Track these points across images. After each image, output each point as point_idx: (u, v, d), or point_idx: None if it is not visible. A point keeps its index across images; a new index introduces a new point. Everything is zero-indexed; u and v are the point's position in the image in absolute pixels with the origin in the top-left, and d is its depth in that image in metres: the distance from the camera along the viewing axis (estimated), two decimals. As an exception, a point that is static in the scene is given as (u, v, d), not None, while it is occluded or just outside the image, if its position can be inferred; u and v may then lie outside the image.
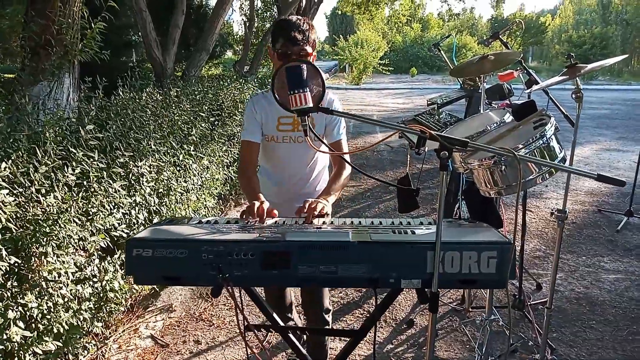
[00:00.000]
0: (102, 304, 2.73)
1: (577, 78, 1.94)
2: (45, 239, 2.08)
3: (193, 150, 3.85)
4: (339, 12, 31.40)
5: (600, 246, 4.18)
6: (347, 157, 2.03)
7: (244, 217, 1.77)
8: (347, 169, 2.06)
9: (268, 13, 13.27)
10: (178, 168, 3.63)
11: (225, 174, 4.73)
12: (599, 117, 11.91)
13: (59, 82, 4.26)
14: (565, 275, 3.65)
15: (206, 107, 4.79)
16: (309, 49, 1.88)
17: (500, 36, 2.85)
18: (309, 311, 2.33)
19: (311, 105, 1.37)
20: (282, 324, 1.74)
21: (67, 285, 2.32)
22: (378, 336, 2.91)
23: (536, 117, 2.00)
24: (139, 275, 1.50)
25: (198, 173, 3.82)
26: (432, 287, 1.40)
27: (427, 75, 30.42)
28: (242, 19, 14.01)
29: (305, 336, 2.56)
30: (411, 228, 1.58)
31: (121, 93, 4.04)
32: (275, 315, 1.72)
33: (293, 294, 2.56)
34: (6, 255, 1.85)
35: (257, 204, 1.75)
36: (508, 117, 2.25)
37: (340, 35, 27.26)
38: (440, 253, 1.39)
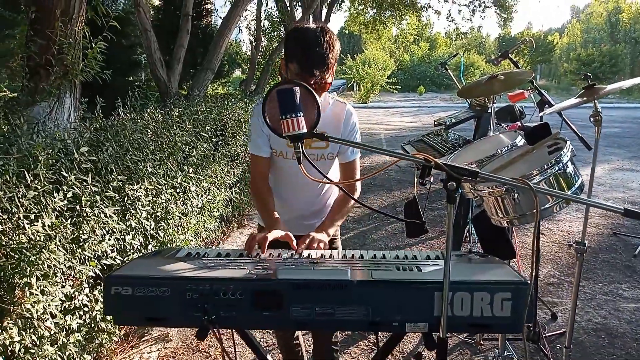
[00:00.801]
0: (93, 334, 2.60)
1: (596, 101, 1.81)
2: (29, 269, 1.96)
3: (193, 172, 3.74)
4: (347, 32, 31.59)
5: (618, 272, 3.99)
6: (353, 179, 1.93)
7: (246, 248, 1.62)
8: (357, 192, 1.93)
9: (275, 33, 13.31)
10: (177, 190, 3.52)
11: (227, 195, 4.62)
12: (610, 136, 11.72)
13: (59, 103, 4.20)
14: (582, 304, 3.46)
15: (209, 127, 4.70)
16: (328, 77, 1.66)
17: (509, 55, 2.74)
18: (316, 342, 2.23)
19: (305, 130, 1.25)
20: (276, 366, 1.61)
21: (55, 316, 2.20)
22: (383, 370, 2.75)
23: (551, 141, 1.87)
24: (119, 316, 1.38)
25: (198, 195, 3.70)
26: (440, 333, 1.25)
27: (434, 94, 30.38)
28: (249, 39, 14.08)
29: None
30: (417, 264, 1.44)
31: (121, 113, 3.95)
32: (269, 357, 1.59)
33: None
34: (-17, 288, 1.74)
35: (259, 236, 1.61)
36: (520, 140, 2.12)
37: (348, 54, 27.39)
38: (449, 294, 1.26)
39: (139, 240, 2.96)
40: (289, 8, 11.83)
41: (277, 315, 1.29)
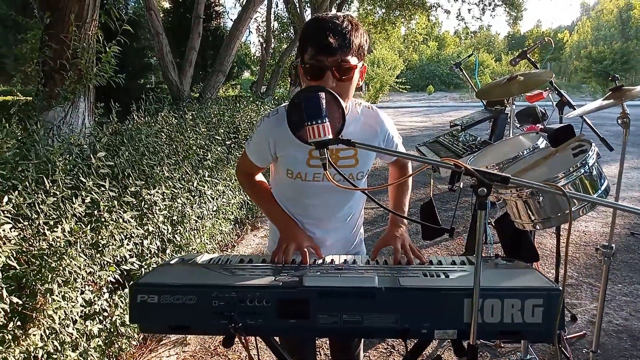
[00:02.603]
0: (113, 339, 2.60)
1: (624, 103, 1.78)
2: (51, 275, 1.97)
3: (208, 176, 3.74)
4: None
5: (637, 273, 3.94)
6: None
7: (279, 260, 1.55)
8: (410, 169, 1.82)
9: (285, 34, 13.32)
10: (193, 194, 3.53)
11: (241, 198, 4.62)
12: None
13: (73, 107, 4.21)
14: (602, 306, 3.41)
15: (222, 130, 4.70)
16: (352, 59, 1.40)
17: (528, 55, 2.70)
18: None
19: (330, 137, 1.23)
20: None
21: (75, 322, 2.21)
22: (403, 374, 2.73)
23: (575, 143, 1.84)
24: (145, 324, 1.38)
25: (213, 199, 3.71)
26: (471, 340, 1.23)
27: (444, 93, 30.24)
28: (259, 40, 14.11)
29: None
30: (444, 270, 1.42)
31: (135, 117, 3.97)
32: (293, 363, 1.58)
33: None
34: (7, 296, 1.74)
35: (291, 248, 1.56)
36: (542, 142, 2.09)
37: (357, 54, 27.28)
38: (479, 301, 1.24)
39: (156, 244, 2.97)
40: (298, 9, 11.82)
41: (304, 323, 1.28)
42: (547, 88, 2.70)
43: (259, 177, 1.83)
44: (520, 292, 1.25)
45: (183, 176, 3.42)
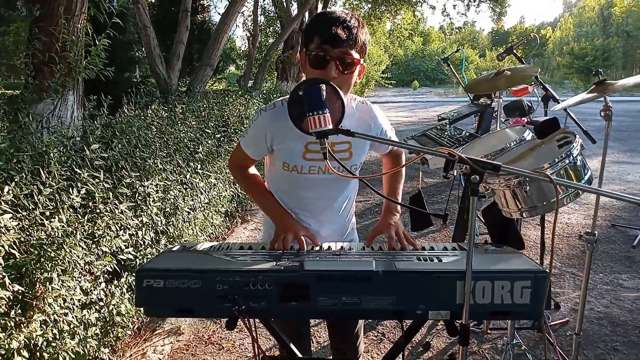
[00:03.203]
0: (108, 328, 2.64)
1: (606, 96, 1.87)
2: (50, 264, 2.00)
3: (200, 168, 3.77)
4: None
5: (617, 263, 4.07)
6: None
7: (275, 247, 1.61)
8: (403, 159, 1.91)
9: (271, 28, 13.31)
10: (185, 186, 3.56)
11: (232, 191, 4.65)
12: (614, 130, 11.84)
13: (62, 100, 4.20)
14: (583, 294, 3.54)
15: (212, 124, 4.73)
16: (355, 53, 1.45)
17: (514, 51, 2.79)
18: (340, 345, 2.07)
19: (331, 127, 1.29)
20: (299, 355, 1.66)
21: (73, 311, 2.24)
22: None
23: (560, 135, 1.92)
24: (150, 308, 1.42)
25: (205, 191, 3.74)
26: (463, 319, 1.30)
27: (429, 88, 30.48)
28: (246, 34, 14.07)
29: None
30: (436, 254, 1.49)
31: (126, 110, 3.97)
32: (292, 346, 1.64)
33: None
34: (9, 283, 1.77)
35: (289, 237, 1.62)
36: (528, 135, 2.17)
37: (343, 49, 27.34)
38: (471, 283, 1.31)
39: (150, 235, 3.00)
40: (284, 3, 11.82)
41: (305, 305, 1.33)
42: (532, 83, 2.79)
43: (252, 170, 1.86)
44: (509, 274, 1.32)
45: (175, 168, 3.44)
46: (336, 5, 16.52)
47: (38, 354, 2.01)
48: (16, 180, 2.16)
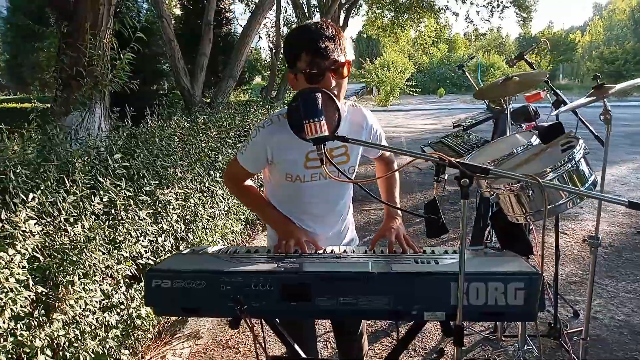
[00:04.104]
0: (129, 331, 2.74)
1: (605, 99, 1.87)
2: (72, 268, 2.11)
3: (220, 177, 3.88)
4: (365, 36, 31.65)
5: (641, 270, 3.99)
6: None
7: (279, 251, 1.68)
8: (395, 164, 1.98)
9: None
10: (205, 194, 3.66)
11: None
12: (635, 135, 11.54)
13: (90, 112, 4.38)
14: (604, 302, 3.48)
15: (233, 134, 4.85)
16: (341, 57, 1.53)
17: (525, 56, 2.80)
18: (344, 354, 2.17)
19: (327, 133, 1.35)
20: (304, 355, 1.71)
21: (95, 313, 2.34)
22: (406, 366, 2.83)
23: (564, 140, 1.93)
24: (159, 307, 1.50)
25: (224, 199, 3.84)
26: (457, 320, 1.34)
27: (455, 96, 30.24)
28: (269, 46, 14.28)
29: None
30: (435, 257, 1.53)
31: (150, 121, 4.12)
32: (297, 346, 1.69)
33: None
34: (33, 285, 1.88)
35: (291, 242, 1.68)
36: (535, 140, 2.18)
37: (367, 58, 27.48)
38: (465, 284, 1.34)
39: (170, 242, 3.11)
40: (307, 14, 11.98)
41: (304, 305, 1.39)
42: (545, 88, 2.79)
43: (248, 182, 1.91)
44: (503, 276, 1.35)
45: (195, 177, 3.55)
46: (359, 14, 16.62)
47: (60, 353, 2.11)
48: (42, 188, 2.29)
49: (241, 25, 11.29)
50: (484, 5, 15.22)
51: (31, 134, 2.87)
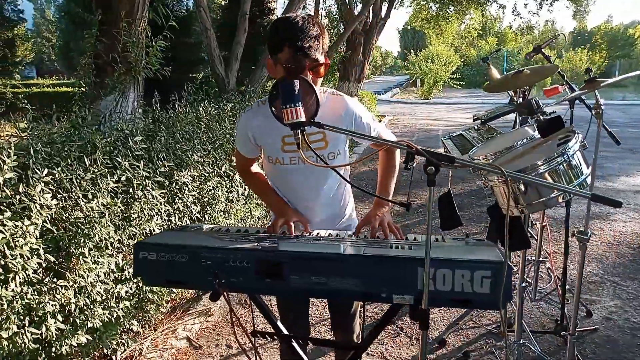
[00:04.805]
0: (142, 304, 2.89)
1: (597, 93, 1.83)
2: (82, 240, 2.25)
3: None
4: (409, 27, 31.19)
5: (667, 274, 3.84)
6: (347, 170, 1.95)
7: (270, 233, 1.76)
8: (397, 154, 1.94)
9: (335, 30, 13.47)
10: (224, 178, 3.78)
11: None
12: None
13: (124, 97, 4.57)
14: (622, 303, 3.38)
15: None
16: (321, 57, 1.61)
17: (542, 50, 2.74)
18: (337, 333, 2.23)
19: (304, 119, 1.40)
20: (286, 332, 1.78)
21: (107, 284, 2.49)
22: (407, 353, 2.86)
23: (563, 134, 1.91)
24: (146, 277, 1.60)
25: (240, 184, 3.95)
26: (422, 304, 1.37)
27: (501, 90, 29.38)
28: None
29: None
30: (413, 244, 1.56)
31: (177, 107, 4.27)
32: (279, 323, 1.76)
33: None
34: (44, 253, 2.03)
35: (280, 222, 1.77)
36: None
37: (412, 50, 27.12)
38: (431, 270, 1.37)
39: (185, 222, 3.24)
40: (348, 4, 11.96)
41: (278, 282, 1.46)
42: (563, 83, 2.73)
43: (255, 168, 2.04)
44: (469, 263, 1.37)
45: (214, 162, 3.67)
46: (403, 6, 16.40)
47: (71, 319, 2.27)
48: (62, 165, 2.44)
49: (276, 16, 11.40)
50: (532, -3, 14.68)
51: (60, 116, 3.05)
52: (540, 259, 3.26)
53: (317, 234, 1.76)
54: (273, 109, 1.48)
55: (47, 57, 29.23)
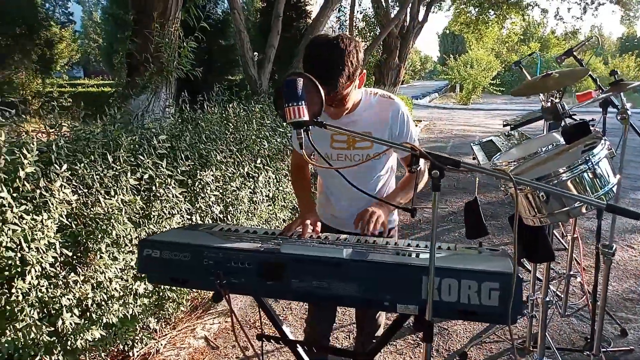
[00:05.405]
0: (162, 302, 2.92)
1: (622, 96, 1.72)
2: (100, 236, 2.28)
3: (264, 164, 3.98)
4: (448, 32, 30.71)
5: None
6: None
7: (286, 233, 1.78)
8: (425, 176, 1.89)
9: (371, 34, 13.38)
10: (248, 179, 3.78)
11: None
12: None
13: (156, 97, 4.66)
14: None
15: (286, 123, 4.94)
16: (341, 89, 1.65)
17: (574, 53, 2.61)
18: (360, 332, 2.27)
19: (307, 118, 1.36)
20: (291, 337, 1.74)
21: (126, 280, 2.52)
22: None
23: (589, 140, 1.81)
24: (150, 275, 1.60)
25: (264, 185, 3.95)
26: (427, 316, 1.31)
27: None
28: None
29: None
30: (418, 250, 1.50)
31: (206, 107, 4.31)
32: (285, 327, 1.73)
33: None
34: (60, 247, 2.06)
35: (296, 223, 1.81)
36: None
37: (451, 55, 26.69)
38: (436, 279, 1.31)
39: (208, 221, 3.26)
40: (384, 5, 11.86)
41: (279, 285, 1.43)
42: (596, 88, 2.60)
43: (305, 170, 2.13)
44: (476, 274, 1.30)
45: (238, 162, 3.68)
46: (442, 10, 16.15)
47: (88, 313, 2.30)
48: (85, 162, 2.48)
49: (310, 19, 11.43)
50: (576, 2, 14.19)
51: (101, 115, 3.13)
52: (571, 272, 3.12)
53: (325, 237, 1.72)
54: (278, 108, 1.45)
55: (94, 57, 30.27)
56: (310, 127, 1.39)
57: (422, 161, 1.95)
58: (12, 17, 12.90)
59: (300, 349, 1.70)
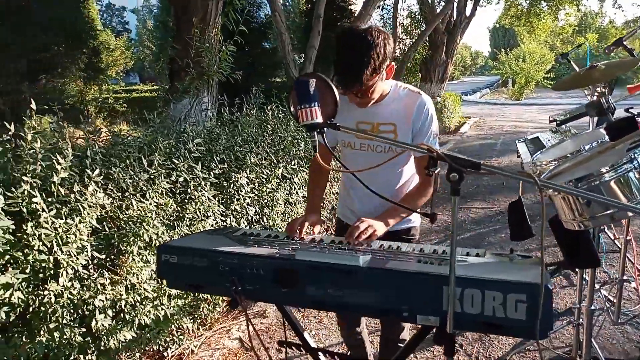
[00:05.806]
0: (198, 303, 2.94)
1: None
2: (132, 239, 2.32)
3: (296, 164, 3.97)
4: (498, 25, 29.71)
5: None
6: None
7: (288, 230, 1.80)
8: (427, 195, 1.85)
9: (417, 30, 13.13)
10: (286, 181, 3.77)
11: (336, 189, 4.78)
12: None
13: (198, 101, 4.73)
14: None
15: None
16: (367, 83, 1.62)
17: (624, 42, 2.42)
18: (382, 337, 2.21)
19: (320, 120, 1.32)
20: (313, 345, 1.70)
21: (159, 281, 2.55)
22: (463, 374, 2.66)
23: (636, 137, 1.65)
24: (168, 280, 1.60)
25: (300, 186, 3.92)
26: (448, 328, 1.23)
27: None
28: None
29: None
30: (442, 258, 1.41)
31: (245, 109, 4.34)
32: (306, 334, 1.69)
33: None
34: (91, 250, 2.11)
35: (298, 221, 1.79)
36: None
37: (502, 49, 25.84)
38: (458, 290, 1.23)
39: (243, 224, 3.26)
40: (430, 3, 11.62)
41: (294, 292, 1.39)
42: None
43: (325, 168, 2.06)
44: (502, 285, 1.21)
45: (274, 163, 3.67)
46: (491, 3, 15.62)
47: (121, 314, 2.34)
48: (121, 167, 2.54)
49: (350, 20, 11.33)
50: (637, -13, 13.34)
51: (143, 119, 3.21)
52: (625, 277, 2.91)
53: (339, 241, 1.65)
54: (292, 108, 1.41)
55: (148, 64, 31.48)
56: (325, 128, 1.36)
57: (427, 196, 1.88)
58: (63, 26, 13.53)
59: (322, 356, 1.66)
